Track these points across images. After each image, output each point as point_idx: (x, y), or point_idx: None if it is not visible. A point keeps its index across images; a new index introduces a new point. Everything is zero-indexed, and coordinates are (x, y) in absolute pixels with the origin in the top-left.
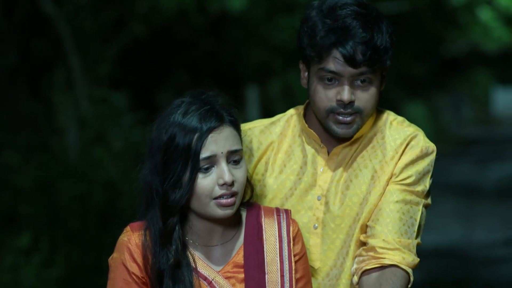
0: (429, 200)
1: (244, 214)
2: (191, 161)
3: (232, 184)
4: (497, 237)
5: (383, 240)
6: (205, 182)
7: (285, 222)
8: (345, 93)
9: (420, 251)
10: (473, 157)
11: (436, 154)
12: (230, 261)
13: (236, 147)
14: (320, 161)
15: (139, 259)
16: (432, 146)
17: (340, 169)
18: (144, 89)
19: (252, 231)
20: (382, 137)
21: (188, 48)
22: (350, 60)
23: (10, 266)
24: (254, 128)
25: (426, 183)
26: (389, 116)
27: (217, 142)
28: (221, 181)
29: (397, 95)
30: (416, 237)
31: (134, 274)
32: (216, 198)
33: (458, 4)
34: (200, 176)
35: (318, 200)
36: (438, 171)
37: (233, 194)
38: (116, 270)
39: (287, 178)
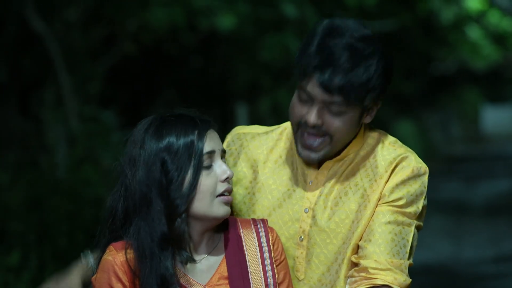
0: (421, 222)
1: (221, 227)
2: (194, 158)
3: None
4: (486, 254)
5: (375, 260)
6: (209, 179)
7: (263, 231)
8: (312, 116)
9: (409, 268)
10: (462, 175)
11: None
12: (215, 273)
13: (223, 146)
14: (310, 174)
15: (124, 278)
16: (424, 167)
17: (330, 184)
18: (133, 107)
19: (232, 243)
20: (374, 156)
21: (178, 65)
22: (324, 87)
23: (0, 284)
24: (248, 134)
25: (419, 205)
26: (382, 136)
27: (214, 139)
28: (224, 176)
29: (386, 113)
30: (408, 258)
31: None
32: (219, 195)
33: (447, 22)
34: (204, 174)
35: (306, 212)
36: (428, 189)
37: (230, 192)
38: None
39: (276, 189)
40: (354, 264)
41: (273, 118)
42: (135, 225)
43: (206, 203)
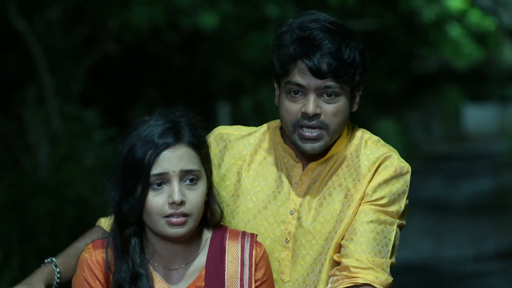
0: (403, 221)
1: (209, 236)
2: (143, 176)
3: (181, 203)
4: (468, 253)
5: (357, 259)
6: (156, 199)
7: (248, 246)
8: (310, 105)
9: (391, 267)
10: (443, 174)
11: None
12: (191, 283)
13: (191, 167)
14: (295, 176)
15: (100, 276)
16: (406, 167)
17: (315, 186)
18: (115, 106)
19: (215, 254)
20: (357, 155)
21: (160, 65)
22: (315, 71)
23: None
24: (231, 135)
25: (401, 204)
26: (365, 135)
27: (170, 160)
28: (170, 200)
29: (368, 112)
30: (390, 257)
31: None
32: (166, 216)
33: (428, 21)
34: (152, 193)
35: (291, 214)
36: (409, 188)
37: (184, 215)
38: (79, 286)
39: (261, 190)
40: (336, 263)
41: (255, 117)
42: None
43: (154, 221)
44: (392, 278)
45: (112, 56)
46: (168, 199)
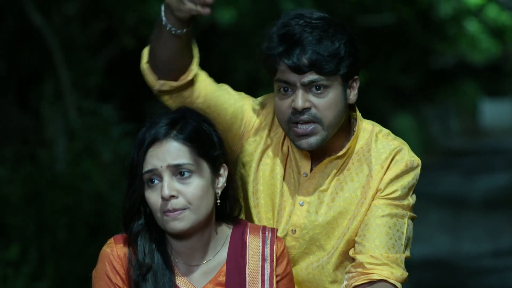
0: (414, 214)
1: (229, 232)
2: (138, 174)
3: (172, 198)
4: (484, 248)
5: (371, 255)
6: (152, 196)
7: (269, 241)
8: (298, 100)
9: (407, 262)
10: (460, 169)
11: (423, 166)
12: (212, 279)
13: (179, 161)
14: (304, 166)
15: (121, 271)
16: (417, 160)
17: (327, 180)
18: (132, 101)
19: (236, 249)
20: (368, 149)
21: None
22: (295, 68)
23: (0, 278)
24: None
25: (412, 197)
26: (375, 128)
27: (158, 156)
28: (161, 195)
29: (385, 107)
30: (404, 251)
31: (118, 286)
32: (164, 212)
33: (446, 16)
34: (148, 190)
35: (301, 205)
36: (425, 183)
37: (179, 209)
38: (100, 281)
39: (274, 178)
40: (352, 259)
41: None
42: None
43: (157, 218)
44: (407, 273)
45: (129, 51)
46: (161, 195)
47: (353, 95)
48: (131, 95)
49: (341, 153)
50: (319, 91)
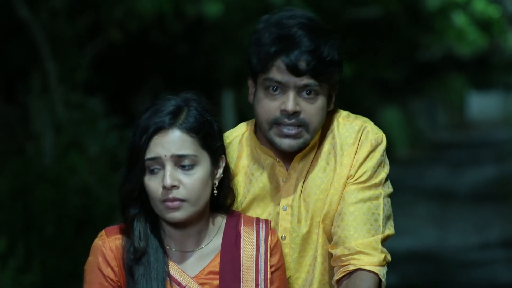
0: (390, 188)
1: (223, 222)
2: (139, 160)
3: (174, 188)
4: (471, 241)
5: (344, 247)
6: (152, 184)
7: (263, 232)
8: (290, 103)
9: (394, 255)
10: (447, 162)
11: (410, 159)
12: (205, 267)
13: (183, 151)
14: (280, 173)
15: (113, 263)
16: (381, 136)
17: (302, 178)
18: (119, 94)
19: (230, 239)
20: (333, 136)
21: (164, 53)
22: (293, 69)
23: None
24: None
25: (382, 173)
26: (335, 114)
27: (163, 145)
28: (162, 184)
29: (372, 100)
30: (383, 231)
31: (109, 278)
32: (163, 200)
33: (433, 9)
34: (148, 177)
35: (284, 210)
36: (413, 176)
37: (179, 199)
38: (91, 273)
39: (252, 193)
40: (330, 254)
41: None
42: None
43: (154, 205)
44: (386, 254)
45: (116, 44)
46: (161, 183)
47: (332, 103)
48: (118, 89)
49: (306, 149)
50: (309, 96)
